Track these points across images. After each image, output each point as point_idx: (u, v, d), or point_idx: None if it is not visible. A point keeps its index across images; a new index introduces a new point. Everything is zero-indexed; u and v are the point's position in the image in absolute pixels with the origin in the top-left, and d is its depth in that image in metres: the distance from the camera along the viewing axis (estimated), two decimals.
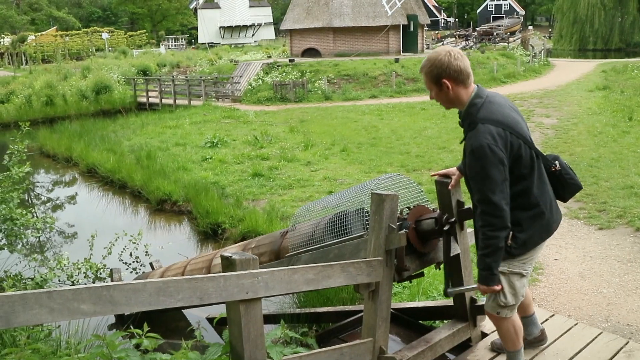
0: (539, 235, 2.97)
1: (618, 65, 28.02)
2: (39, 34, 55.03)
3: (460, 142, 2.99)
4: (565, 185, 3.07)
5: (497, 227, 2.76)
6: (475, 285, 3.08)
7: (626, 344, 3.65)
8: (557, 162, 3.07)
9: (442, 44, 45.47)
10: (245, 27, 58.73)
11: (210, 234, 8.22)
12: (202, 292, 2.38)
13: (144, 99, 24.89)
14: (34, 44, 49.09)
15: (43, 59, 46.52)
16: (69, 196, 11.90)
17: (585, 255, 5.65)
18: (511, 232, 2.87)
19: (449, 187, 3.37)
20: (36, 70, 35.16)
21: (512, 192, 2.81)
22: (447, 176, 3.44)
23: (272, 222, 7.50)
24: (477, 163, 2.74)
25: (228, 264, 2.55)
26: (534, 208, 2.91)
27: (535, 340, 3.68)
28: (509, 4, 75.36)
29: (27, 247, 7.94)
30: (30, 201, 11.60)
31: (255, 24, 59.39)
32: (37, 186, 12.97)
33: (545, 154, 3.07)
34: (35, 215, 8.13)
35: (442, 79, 2.83)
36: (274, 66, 24.98)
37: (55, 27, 60.36)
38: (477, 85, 2.94)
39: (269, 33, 61.28)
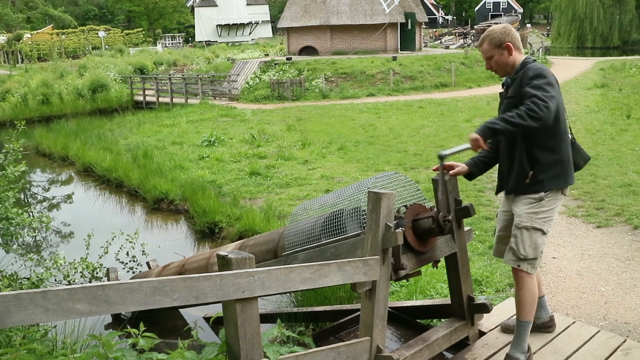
0: (555, 180, 3.27)
1: (616, 63, 28.06)
2: (35, 32, 54.83)
3: (502, 96, 3.42)
4: (579, 152, 3.45)
5: (538, 117, 2.96)
6: (468, 145, 3.19)
7: (624, 342, 3.65)
8: (571, 133, 3.43)
9: (440, 42, 45.55)
10: (242, 25, 58.72)
11: (207, 233, 8.20)
12: (198, 292, 2.37)
13: (140, 98, 24.86)
14: (30, 42, 48.93)
15: (39, 58, 46.45)
16: (65, 195, 11.87)
17: (583, 254, 5.64)
18: (531, 172, 3.23)
19: (446, 177, 3.49)
20: (32, 68, 35.12)
21: (543, 135, 3.19)
22: (451, 167, 3.57)
23: (269, 221, 7.49)
24: (536, 78, 3.12)
25: (224, 262, 2.54)
26: (556, 155, 3.25)
27: (544, 326, 3.77)
28: (507, 1, 75.47)
29: (23, 246, 7.92)
30: (26, 200, 11.56)
31: (253, 22, 59.38)
32: (33, 185, 12.94)
33: None
34: (31, 214, 8.10)
35: (505, 43, 3.31)
36: (271, 64, 24.96)
37: (51, 25, 60.17)
38: (527, 55, 3.39)
39: (266, 31, 61.31)
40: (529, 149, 3.24)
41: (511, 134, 3.13)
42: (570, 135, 3.38)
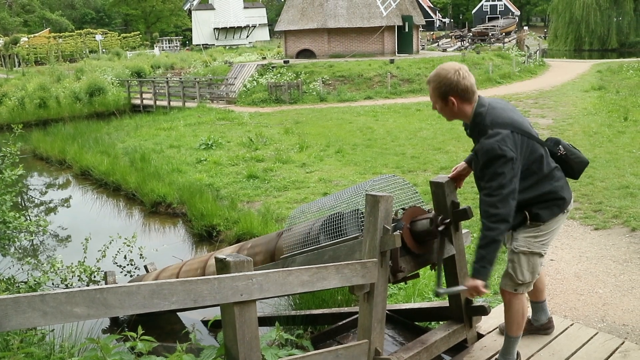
0: (551, 209, 3.15)
1: (613, 65, 28.12)
2: (32, 35, 54.81)
3: (472, 151, 3.16)
4: (573, 165, 3.27)
5: (499, 219, 2.90)
6: (464, 287, 3.14)
7: (622, 344, 3.65)
8: (560, 145, 3.27)
9: (438, 45, 45.62)
10: (239, 29, 58.74)
11: (205, 236, 8.19)
12: (196, 295, 2.37)
13: (138, 101, 24.82)
14: (27, 46, 48.88)
15: (36, 61, 46.39)
16: (63, 199, 11.85)
17: (581, 256, 5.65)
18: (527, 215, 3.12)
19: (449, 176, 3.46)
20: (29, 72, 35.06)
21: (525, 185, 3.03)
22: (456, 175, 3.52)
23: (267, 224, 7.49)
24: (489, 163, 2.91)
25: (222, 266, 2.54)
26: (549, 190, 3.12)
27: (542, 328, 3.76)
28: (504, 4, 75.70)
29: (20, 250, 7.90)
30: (23, 204, 11.54)
31: (250, 25, 59.41)
32: (31, 189, 12.91)
33: (546, 139, 3.27)
34: (28, 218, 8.07)
35: (449, 96, 3.01)
36: (268, 67, 24.96)
37: (48, 29, 60.14)
38: (478, 96, 3.11)
39: (263, 34, 61.33)
40: (521, 195, 3.05)
41: (496, 243, 2.94)
42: (560, 149, 3.24)
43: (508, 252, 3.32)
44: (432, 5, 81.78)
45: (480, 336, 3.84)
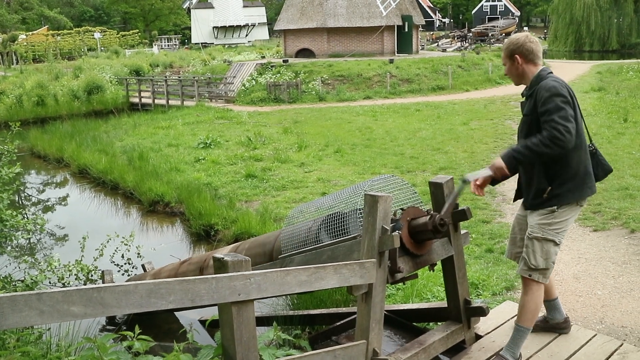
0: (571, 193, 3.26)
1: (613, 66, 28.12)
2: (30, 33, 54.68)
3: (523, 96, 3.39)
4: (599, 164, 3.43)
5: (561, 144, 3.01)
6: (490, 171, 3.22)
7: (620, 345, 3.65)
8: (592, 143, 3.45)
9: (437, 45, 45.62)
10: (238, 27, 58.70)
11: (203, 236, 8.17)
12: (193, 294, 2.36)
13: (136, 100, 24.77)
14: (25, 44, 48.81)
15: (34, 59, 46.32)
16: (60, 197, 11.82)
17: (580, 257, 5.64)
18: (549, 188, 3.24)
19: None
20: (27, 69, 34.97)
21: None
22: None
23: (265, 223, 7.47)
24: (551, 98, 3.10)
25: (220, 265, 2.53)
26: (574, 169, 3.24)
27: (558, 327, 3.80)
28: (504, 4, 75.72)
29: (17, 249, 7.86)
30: (20, 202, 11.51)
31: (249, 24, 59.37)
32: (28, 187, 12.88)
33: None
34: (25, 216, 8.05)
35: (514, 54, 3.32)
36: (267, 67, 24.94)
37: (46, 27, 60.04)
38: (543, 67, 3.37)
39: (262, 33, 61.26)
40: (547, 164, 3.23)
41: (536, 160, 3.17)
42: (591, 145, 3.40)
43: (525, 237, 3.39)
44: (432, 5, 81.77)
45: (478, 337, 3.83)
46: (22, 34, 51.96)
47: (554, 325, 3.79)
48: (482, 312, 3.70)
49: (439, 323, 4.09)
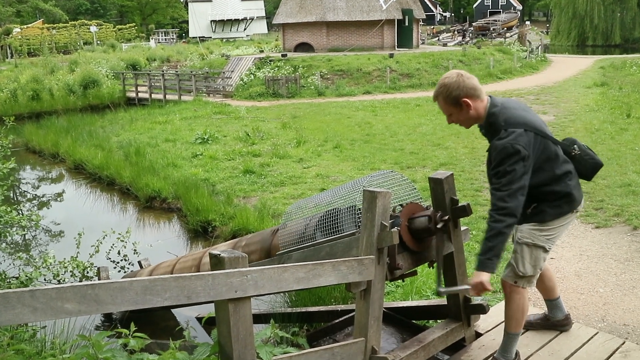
0: (560, 209, 3.19)
1: (616, 61, 28.09)
2: (25, 26, 54.40)
3: (487, 151, 3.17)
4: (586, 165, 3.32)
5: (507, 212, 2.93)
6: (468, 286, 3.12)
7: (622, 344, 3.61)
8: (575, 145, 3.30)
9: (438, 39, 45.53)
10: (237, 21, 58.55)
11: (200, 232, 8.13)
12: (190, 291, 2.33)
13: (133, 94, 24.71)
14: (20, 37, 48.55)
15: (29, 52, 46.12)
16: (56, 193, 11.77)
17: (581, 254, 5.60)
18: (533, 204, 3.15)
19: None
20: (22, 63, 34.84)
21: (536, 182, 3.07)
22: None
23: (263, 219, 7.43)
24: (501, 162, 2.96)
25: (217, 262, 2.49)
26: (560, 190, 3.16)
27: (559, 324, 3.76)
28: None
29: (12, 245, 7.82)
30: (15, 198, 11.44)
31: (247, 18, 59.20)
32: (23, 183, 12.81)
33: (563, 139, 3.31)
34: (20, 212, 7.98)
35: (461, 99, 3.03)
36: (266, 61, 24.86)
37: (41, 20, 59.71)
38: (489, 96, 3.16)
39: (261, 27, 61.10)
40: (532, 190, 3.09)
41: (502, 235, 2.97)
42: (575, 151, 3.26)
43: (514, 241, 3.32)
44: None
45: (478, 335, 3.80)
46: (16, 27, 51.69)
47: (555, 323, 3.76)
48: (482, 309, 3.66)
49: (438, 321, 4.05)
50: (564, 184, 3.16)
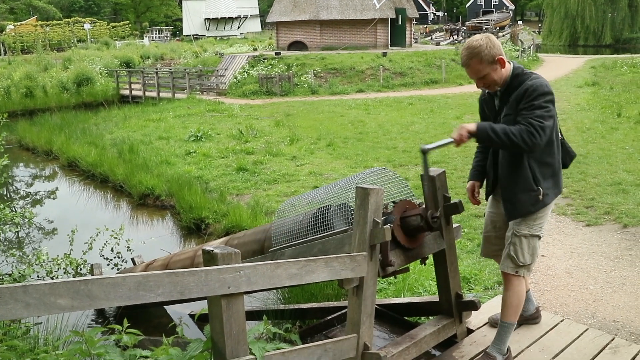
0: (553, 190, 3.26)
1: (607, 61, 28.22)
2: (18, 23, 54.02)
3: (498, 109, 3.24)
4: (567, 152, 3.40)
5: (532, 140, 2.96)
6: (451, 139, 3.12)
7: (612, 340, 3.65)
8: (561, 133, 3.37)
9: (431, 38, 45.58)
10: (230, 19, 58.36)
11: (194, 229, 8.12)
12: (182, 287, 2.32)
13: (126, 92, 24.61)
14: (13, 34, 48.21)
15: (22, 50, 45.79)
16: (49, 190, 11.71)
17: (572, 252, 5.64)
18: (540, 189, 3.17)
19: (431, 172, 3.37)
20: (15, 60, 34.60)
21: (544, 150, 3.12)
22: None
23: (256, 217, 7.43)
24: (536, 97, 3.01)
25: (210, 258, 2.49)
26: (553, 167, 3.23)
27: (531, 318, 3.82)
28: None
29: (5, 242, 7.79)
30: (8, 195, 11.39)
31: (241, 16, 59.02)
32: (16, 180, 12.74)
33: None
34: (13, 209, 7.96)
35: (497, 57, 3.09)
36: (259, 59, 24.82)
37: (35, 17, 59.34)
38: (512, 62, 3.24)
39: (255, 25, 60.94)
40: (532, 166, 3.16)
41: (501, 147, 3.12)
42: (561, 136, 3.35)
43: (510, 235, 3.33)
44: None
45: (470, 331, 3.82)
46: (10, 24, 51.39)
47: (527, 317, 3.80)
48: (473, 306, 3.68)
49: (430, 317, 4.07)
50: (560, 156, 3.25)
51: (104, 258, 6.73)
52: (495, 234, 3.56)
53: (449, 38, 45.02)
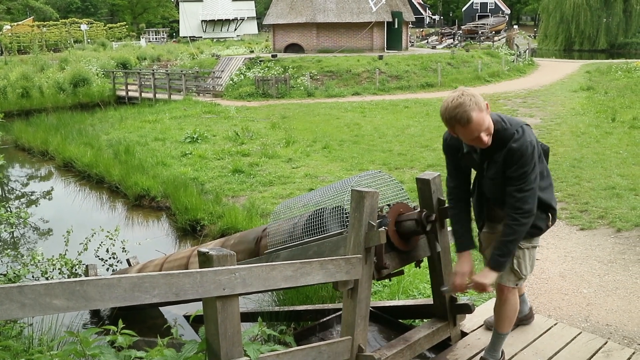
0: (555, 209, 3.27)
1: (602, 66, 28.35)
2: (15, 23, 53.84)
3: (480, 163, 3.11)
4: (547, 156, 3.34)
5: (531, 214, 2.98)
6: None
7: (605, 343, 3.66)
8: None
9: (427, 42, 45.70)
10: (227, 21, 58.40)
11: (189, 231, 8.11)
12: (178, 288, 2.33)
13: (123, 93, 24.59)
14: (10, 34, 48.05)
15: (19, 50, 45.64)
16: (45, 191, 11.69)
17: (566, 256, 5.67)
18: (549, 215, 3.20)
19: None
20: (12, 61, 34.45)
21: (543, 185, 3.11)
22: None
23: (251, 219, 7.43)
24: (524, 162, 2.92)
25: (205, 259, 2.50)
26: (551, 185, 3.23)
27: (525, 318, 3.84)
28: (495, 2, 76.10)
29: (0, 242, 7.76)
30: (3, 195, 11.36)
31: (238, 18, 59.07)
32: (12, 180, 12.71)
33: None
34: (9, 209, 7.93)
35: (485, 102, 2.87)
36: (256, 61, 24.83)
37: (32, 17, 59.16)
38: (492, 113, 3.10)
39: (251, 28, 60.99)
40: (542, 193, 3.11)
41: (522, 237, 3.03)
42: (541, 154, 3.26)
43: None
44: (422, 2, 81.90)
45: (464, 334, 3.83)
46: (6, 24, 51.19)
47: (521, 318, 3.80)
48: (468, 309, 3.70)
49: (424, 320, 4.08)
50: (550, 192, 3.19)
51: (99, 259, 6.71)
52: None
53: (441, 42, 45.15)
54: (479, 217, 3.39)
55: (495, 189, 3.11)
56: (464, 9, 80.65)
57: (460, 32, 48.06)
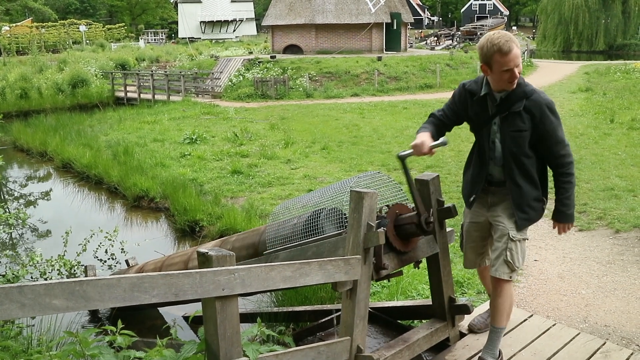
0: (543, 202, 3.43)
1: (601, 67, 28.35)
2: (14, 24, 53.86)
3: (498, 114, 3.20)
4: None
5: (573, 164, 3.31)
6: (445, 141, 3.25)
7: (603, 344, 3.68)
8: None
9: (426, 43, 45.75)
10: (226, 23, 58.44)
11: (188, 232, 8.11)
12: (177, 289, 2.34)
13: (121, 94, 24.58)
14: (8, 35, 48.07)
15: (18, 51, 45.62)
16: (43, 192, 11.68)
17: (564, 257, 5.68)
18: (545, 199, 3.37)
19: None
20: (10, 62, 34.44)
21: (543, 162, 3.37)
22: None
23: (250, 220, 7.43)
24: (554, 114, 3.19)
25: (204, 260, 2.51)
26: (548, 174, 3.42)
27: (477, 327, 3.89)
28: (493, 3, 76.15)
29: None
30: (2, 196, 11.34)
31: (237, 19, 59.12)
32: (10, 181, 12.69)
33: None
34: (7, 210, 7.94)
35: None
36: (255, 62, 24.84)
37: (30, 18, 59.18)
38: None
39: (250, 29, 61.05)
40: (540, 176, 3.31)
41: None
42: None
43: (506, 240, 3.26)
44: (421, 3, 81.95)
45: (462, 335, 3.84)
46: (5, 25, 51.18)
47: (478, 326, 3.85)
48: (466, 310, 3.70)
49: (423, 321, 4.09)
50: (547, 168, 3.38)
51: (98, 260, 6.73)
52: (479, 244, 3.53)
53: (444, 43, 45.19)
54: (472, 188, 3.39)
55: (514, 142, 3.16)
56: (462, 10, 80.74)
57: (459, 33, 48.12)
